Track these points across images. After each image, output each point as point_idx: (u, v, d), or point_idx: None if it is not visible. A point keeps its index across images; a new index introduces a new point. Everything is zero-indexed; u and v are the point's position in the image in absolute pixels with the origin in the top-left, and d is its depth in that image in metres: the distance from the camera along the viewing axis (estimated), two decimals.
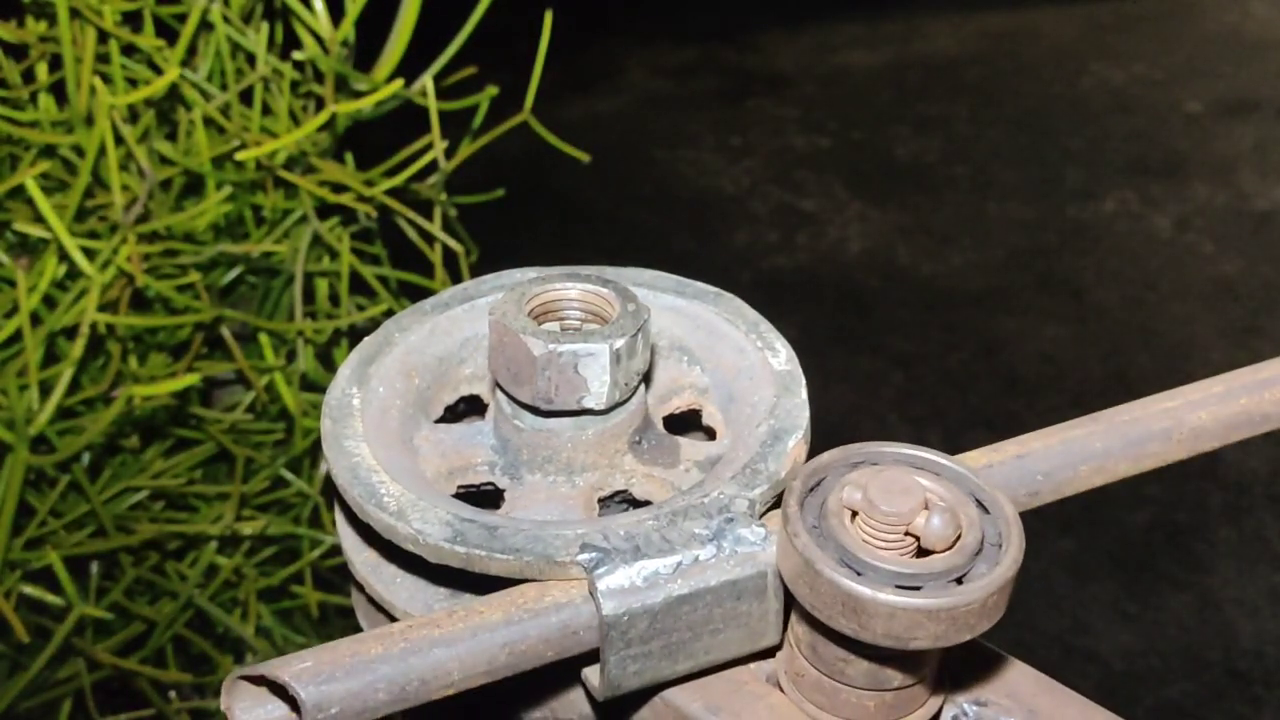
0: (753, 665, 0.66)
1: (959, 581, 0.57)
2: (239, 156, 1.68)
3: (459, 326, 0.78)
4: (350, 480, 0.66)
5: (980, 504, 0.61)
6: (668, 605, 0.61)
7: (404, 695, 0.57)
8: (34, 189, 1.52)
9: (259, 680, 0.56)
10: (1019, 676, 0.67)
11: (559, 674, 0.64)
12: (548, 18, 1.70)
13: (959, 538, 0.58)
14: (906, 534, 0.59)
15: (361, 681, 0.56)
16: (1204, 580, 3.05)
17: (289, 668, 0.55)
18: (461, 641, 0.59)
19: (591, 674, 0.63)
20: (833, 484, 0.61)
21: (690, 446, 0.75)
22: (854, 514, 0.60)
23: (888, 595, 0.56)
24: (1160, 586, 3.04)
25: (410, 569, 0.68)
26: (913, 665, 0.62)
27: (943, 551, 0.58)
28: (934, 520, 0.58)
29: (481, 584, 0.64)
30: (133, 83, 1.71)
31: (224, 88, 1.74)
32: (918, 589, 0.57)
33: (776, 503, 0.68)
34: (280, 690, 0.56)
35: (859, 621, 0.57)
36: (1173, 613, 3.01)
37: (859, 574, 0.57)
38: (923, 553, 0.59)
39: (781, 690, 0.65)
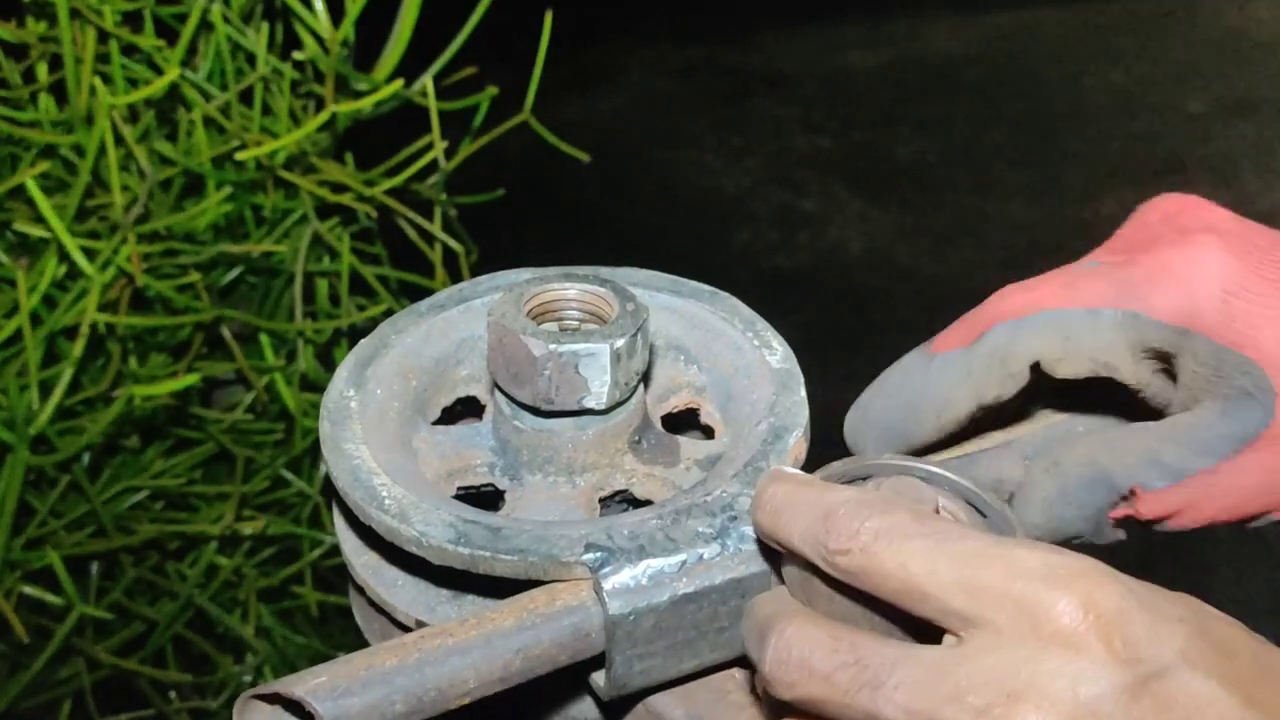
0: (738, 674, 0.66)
1: None
2: (239, 156, 1.68)
3: (455, 328, 0.78)
4: (351, 483, 0.66)
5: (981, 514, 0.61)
6: (673, 604, 0.61)
7: (421, 706, 0.56)
8: (34, 189, 1.51)
9: (272, 698, 0.55)
10: None
11: (569, 679, 0.64)
12: (548, 18, 1.70)
13: None
14: None
15: (378, 694, 0.55)
16: (1204, 580, 3.04)
17: (304, 684, 0.54)
18: (476, 649, 0.58)
19: (597, 674, 0.63)
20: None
21: (690, 445, 0.75)
22: None
23: None
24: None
25: (412, 571, 0.68)
26: None
27: None
28: None
29: (484, 586, 0.64)
30: (133, 83, 1.70)
31: (224, 88, 1.74)
32: None
33: None
34: (295, 707, 0.55)
35: None
36: None
37: None
38: None
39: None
